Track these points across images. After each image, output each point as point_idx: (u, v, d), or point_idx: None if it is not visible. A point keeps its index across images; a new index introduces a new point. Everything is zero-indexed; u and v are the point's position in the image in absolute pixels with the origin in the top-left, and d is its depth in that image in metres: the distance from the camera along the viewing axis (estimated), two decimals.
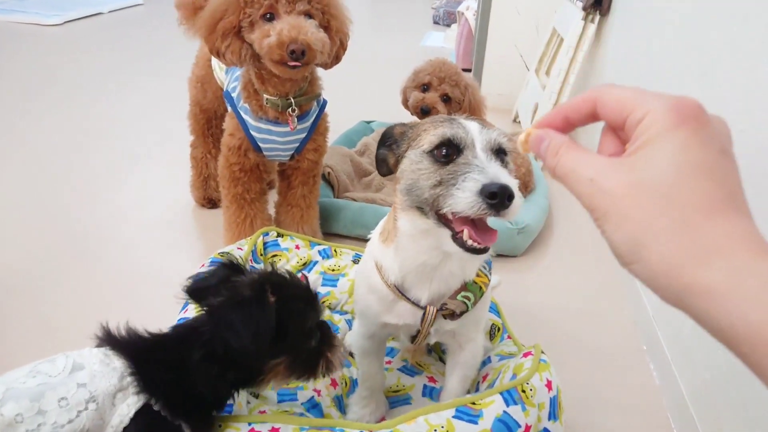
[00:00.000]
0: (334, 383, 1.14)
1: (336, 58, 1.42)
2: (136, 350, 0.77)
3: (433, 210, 0.77)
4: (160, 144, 2.44)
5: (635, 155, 0.40)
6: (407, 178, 0.82)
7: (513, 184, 0.71)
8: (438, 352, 1.30)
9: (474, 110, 2.02)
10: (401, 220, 0.85)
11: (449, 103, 1.99)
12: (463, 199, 0.71)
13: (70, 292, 1.50)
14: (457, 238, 0.75)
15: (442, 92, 1.97)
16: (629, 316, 1.53)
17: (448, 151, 0.77)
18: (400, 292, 0.90)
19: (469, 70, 3.62)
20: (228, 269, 0.84)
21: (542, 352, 0.95)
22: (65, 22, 4.39)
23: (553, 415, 0.89)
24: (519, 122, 2.91)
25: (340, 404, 1.13)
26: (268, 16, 1.27)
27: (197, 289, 0.82)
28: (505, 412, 0.82)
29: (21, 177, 2.10)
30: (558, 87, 2.35)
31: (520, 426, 0.82)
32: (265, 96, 1.41)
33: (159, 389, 0.74)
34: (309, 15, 1.29)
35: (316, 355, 0.85)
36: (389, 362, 1.25)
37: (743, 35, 1.17)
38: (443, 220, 0.77)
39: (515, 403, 0.83)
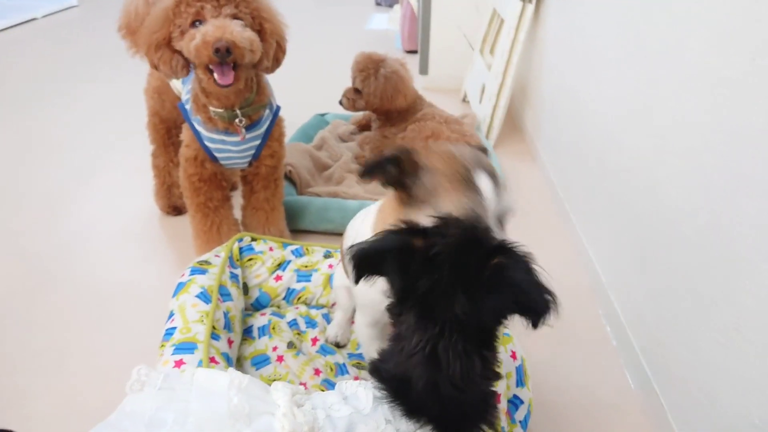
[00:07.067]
0: (317, 372, 1.21)
1: (276, 61, 1.45)
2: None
3: None
4: (112, 153, 2.40)
5: None
6: None
7: None
8: None
9: (388, 99, 2.05)
10: None
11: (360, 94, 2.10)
12: None
13: (44, 315, 1.50)
14: None
15: (355, 88, 2.10)
16: (586, 284, 1.65)
17: None
18: None
19: (415, 52, 3.67)
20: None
21: (505, 327, 1.04)
22: None
23: (520, 382, 0.98)
24: (468, 102, 2.98)
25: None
26: (197, 23, 1.30)
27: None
28: None
29: None
30: (503, 68, 2.43)
31: None
32: (212, 109, 1.44)
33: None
34: (237, 18, 1.31)
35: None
36: None
37: (672, 15, 1.27)
38: None
39: None
